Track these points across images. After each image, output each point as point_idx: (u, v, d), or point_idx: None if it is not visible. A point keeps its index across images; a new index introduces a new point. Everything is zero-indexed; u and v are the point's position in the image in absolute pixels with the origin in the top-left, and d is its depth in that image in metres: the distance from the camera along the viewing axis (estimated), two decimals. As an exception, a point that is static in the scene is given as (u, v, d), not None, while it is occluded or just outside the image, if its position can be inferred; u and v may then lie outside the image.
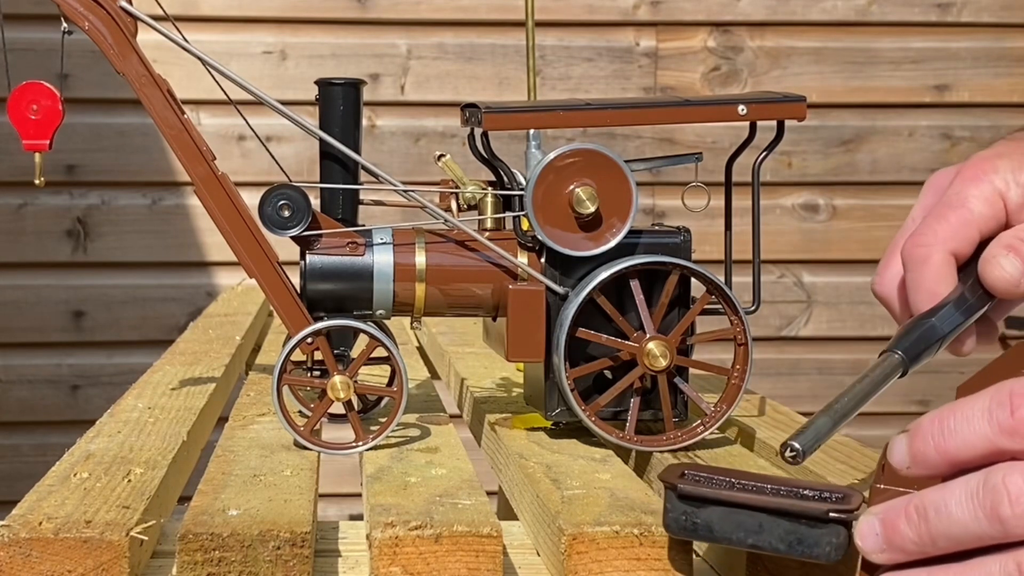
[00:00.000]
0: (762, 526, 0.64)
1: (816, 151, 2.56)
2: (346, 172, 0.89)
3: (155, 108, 0.84)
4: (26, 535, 0.66)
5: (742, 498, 0.65)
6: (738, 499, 0.65)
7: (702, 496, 0.66)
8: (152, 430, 0.90)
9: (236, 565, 0.66)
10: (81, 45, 1.03)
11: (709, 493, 0.66)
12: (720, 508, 0.65)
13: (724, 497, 0.65)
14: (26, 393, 2.43)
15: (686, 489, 0.66)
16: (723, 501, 0.65)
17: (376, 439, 0.86)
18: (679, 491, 0.66)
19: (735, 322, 0.87)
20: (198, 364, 1.18)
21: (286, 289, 0.85)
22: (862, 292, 2.58)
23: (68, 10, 0.83)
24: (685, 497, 0.66)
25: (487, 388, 1.10)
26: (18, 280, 2.42)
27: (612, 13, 2.51)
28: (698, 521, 0.66)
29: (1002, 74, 2.58)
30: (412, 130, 2.48)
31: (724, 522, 0.65)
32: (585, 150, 0.87)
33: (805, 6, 2.54)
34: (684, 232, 0.90)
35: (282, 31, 2.45)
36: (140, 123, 2.40)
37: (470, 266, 0.88)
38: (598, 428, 0.86)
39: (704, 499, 0.66)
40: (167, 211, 2.43)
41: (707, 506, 0.65)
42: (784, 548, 0.64)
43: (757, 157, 0.90)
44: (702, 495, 0.66)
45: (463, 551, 0.68)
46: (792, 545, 0.64)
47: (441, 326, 1.44)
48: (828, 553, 0.64)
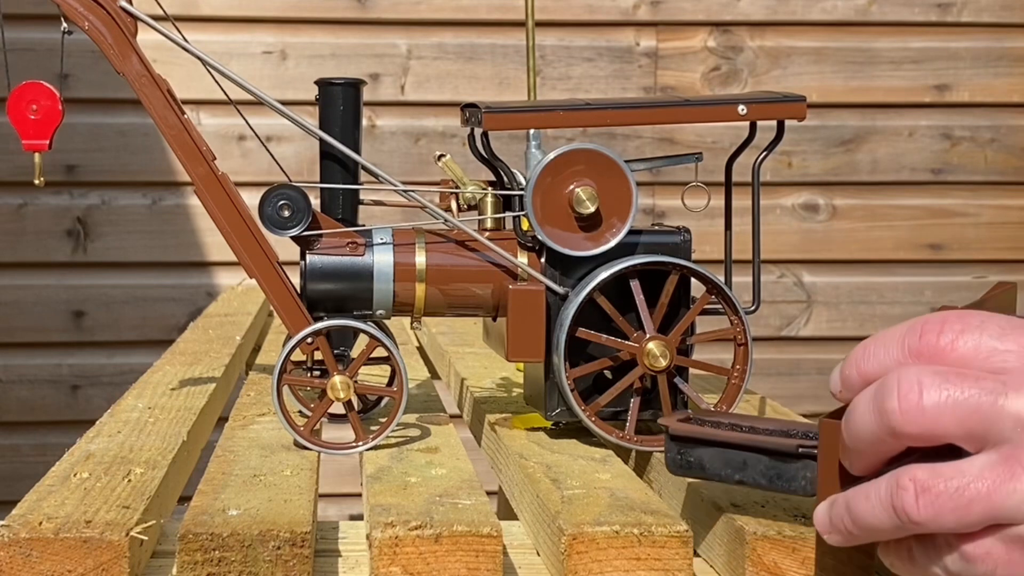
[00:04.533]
0: (746, 463, 0.68)
1: (816, 151, 2.56)
2: (346, 172, 0.89)
3: (155, 108, 0.84)
4: (26, 535, 0.66)
5: (725, 436, 0.69)
6: (721, 437, 0.69)
7: (692, 436, 0.70)
8: (152, 430, 0.90)
9: (236, 565, 0.66)
10: (81, 45, 1.03)
11: (697, 432, 0.70)
12: (711, 447, 0.69)
13: (709, 436, 0.69)
14: (26, 393, 2.43)
15: (678, 430, 0.70)
16: (709, 440, 0.69)
17: (376, 439, 0.86)
18: (671, 432, 0.70)
19: (735, 322, 0.87)
20: (198, 364, 1.18)
21: (286, 289, 0.85)
22: (862, 292, 2.58)
23: (68, 10, 0.83)
24: (678, 438, 0.70)
25: (487, 388, 1.10)
26: (18, 280, 2.42)
27: (612, 13, 2.51)
28: (691, 460, 0.70)
29: (1002, 74, 2.58)
30: (412, 130, 2.48)
31: (714, 460, 0.69)
32: (585, 150, 0.87)
33: (805, 6, 2.54)
34: (684, 232, 0.90)
35: (282, 31, 2.45)
36: (140, 123, 2.40)
37: (470, 266, 0.88)
38: (598, 428, 0.86)
39: (694, 439, 0.70)
40: (167, 211, 2.43)
41: (699, 446, 0.69)
42: (766, 483, 0.68)
43: (757, 157, 0.90)
44: (691, 435, 0.69)
45: (463, 551, 0.68)
46: (772, 480, 0.67)
47: (441, 326, 1.44)
48: (804, 487, 0.66)
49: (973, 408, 0.58)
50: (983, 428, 0.58)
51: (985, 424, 0.57)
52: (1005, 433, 0.57)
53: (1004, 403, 0.57)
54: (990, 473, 0.57)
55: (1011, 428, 0.57)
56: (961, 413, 0.58)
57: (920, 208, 2.58)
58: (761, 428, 0.70)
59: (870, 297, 2.58)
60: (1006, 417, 0.57)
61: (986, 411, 0.57)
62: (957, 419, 0.58)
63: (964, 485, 0.57)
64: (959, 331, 0.60)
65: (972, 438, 0.58)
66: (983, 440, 0.58)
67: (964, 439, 0.58)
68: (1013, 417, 0.57)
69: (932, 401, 0.58)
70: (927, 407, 0.58)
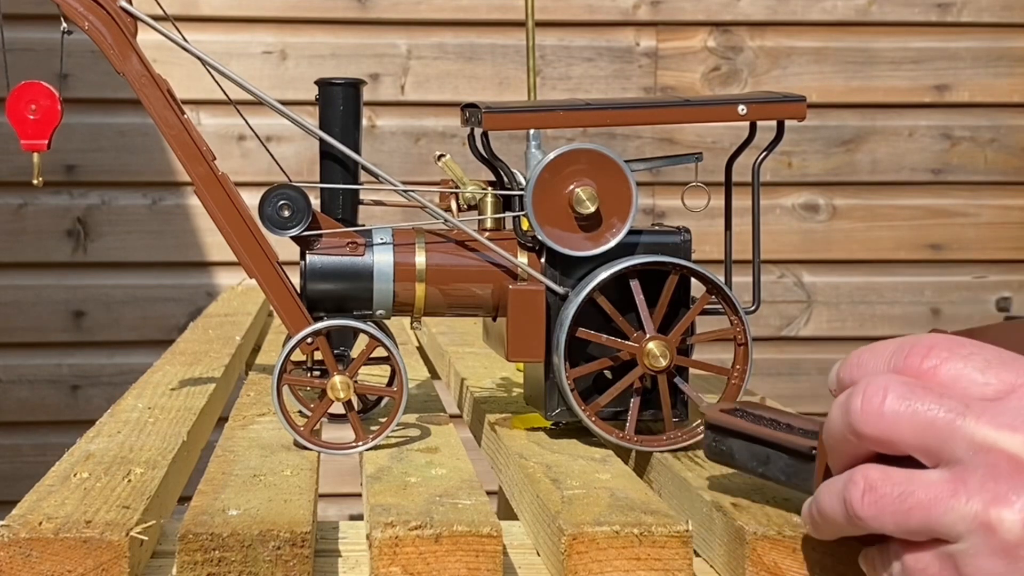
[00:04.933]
0: (769, 458, 0.70)
1: (816, 151, 2.56)
2: (346, 172, 0.89)
3: (155, 108, 0.84)
4: (26, 535, 0.66)
5: (752, 429, 0.71)
6: (749, 430, 0.71)
7: (725, 426, 0.73)
8: (152, 430, 0.90)
9: (236, 565, 0.66)
10: (81, 45, 1.03)
11: (730, 422, 0.72)
12: (741, 439, 0.72)
13: (739, 427, 0.72)
14: (26, 393, 2.43)
15: (713, 418, 0.73)
16: (739, 432, 0.72)
17: (376, 439, 0.86)
18: (707, 420, 0.74)
19: (735, 322, 0.87)
20: (198, 364, 1.18)
21: (286, 289, 0.85)
22: (862, 292, 2.58)
23: (68, 10, 0.83)
24: (713, 427, 0.73)
25: (487, 388, 1.10)
26: (18, 280, 2.42)
27: (612, 13, 2.51)
28: (723, 448, 0.73)
29: (1002, 74, 2.58)
30: (412, 130, 2.48)
31: (743, 451, 0.72)
32: (585, 150, 0.87)
33: (805, 6, 2.54)
34: (684, 232, 0.90)
35: (282, 31, 2.45)
36: (140, 123, 2.40)
37: (470, 266, 0.88)
38: (598, 428, 0.86)
39: (726, 429, 0.73)
40: (167, 211, 2.43)
41: (731, 436, 0.72)
42: (784, 479, 0.70)
43: (757, 157, 0.90)
44: (725, 424, 0.73)
45: (463, 551, 0.68)
46: (790, 477, 0.69)
47: (441, 326, 1.44)
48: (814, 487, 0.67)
49: (930, 422, 0.59)
50: (938, 444, 0.59)
51: (940, 440, 0.59)
52: (958, 453, 0.59)
53: (961, 424, 0.59)
54: (935, 487, 0.59)
55: (964, 449, 0.58)
56: (918, 425, 0.60)
57: (920, 208, 2.58)
58: (794, 426, 0.71)
59: (870, 297, 2.58)
60: (961, 438, 0.59)
61: (942, 428, 0.59)
62: (913, 429, 0.60)
63: (908, 492, 0.59)
64: (945, 358, 0.61)
65: (927, 452, 0.60)
66: (937, 456, 0.60)
67: (919, 451, 0.60)
68: (968, 439, 0.58)
69: (892, 408, 0.60)
70: (886, 412, 0.60)
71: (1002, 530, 0.57)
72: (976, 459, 0.58)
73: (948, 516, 0.58)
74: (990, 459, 0.58)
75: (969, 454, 0.58)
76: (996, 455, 0.58)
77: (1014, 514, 0.57)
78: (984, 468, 0.58)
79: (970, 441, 0.58)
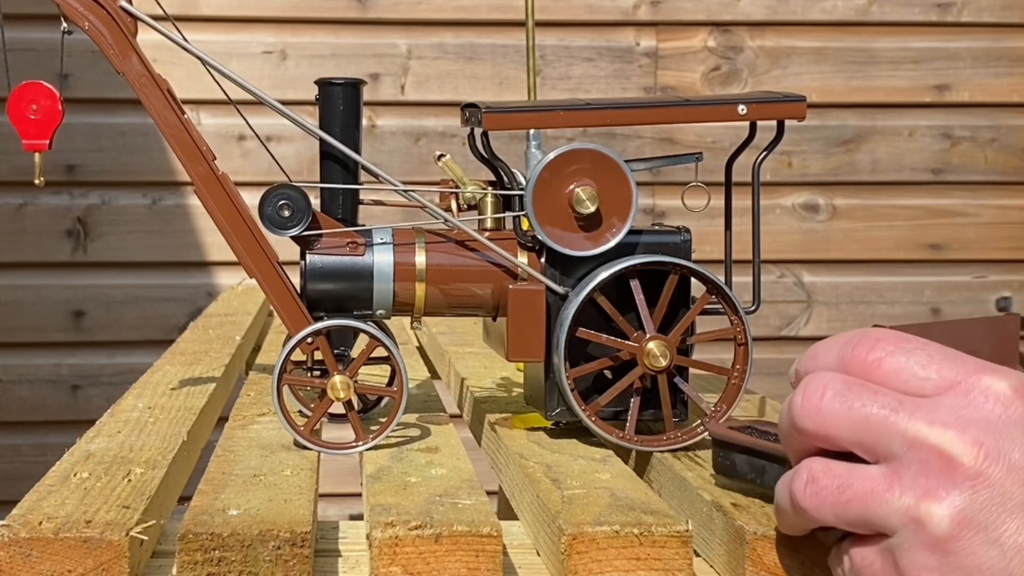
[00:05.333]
0: (765, 469, 0.72)
1: (816, 151, 2.56)
2: (346, 172, 0.89)
3: (155, 108, 0.84)
4: (26, 535, 0.66)
5: (750, 442, 0.73)
6: (747, 443, 0.73)
7: (726, 440, 0.75)
8: (152, 430, 0.90)
9: (236, 565, 0.66)
10: (81, 45, 1.03)
11: (728, 436, 0.74)
12: (742, 453, 0.74)
13: (738, 441, 0.74)
14: (26, 393, 2.43)
15: (716, 434, 0.75)
16: (739, 446, 0.74)
17: (376, 439, 0.86)
18: (713, 436, 0.76)
19: (735, 322, 0.87)
20: (198, 364, 1.18)
21: (286, 289, 0.85)
22: (862, 292, 2.58)
23: (68, 10, 0.83)
24: (718, 442, 0.76)
25: (487, 388, 1.10)
26: (18, 280, 2.42)
27: (612, 13, 2.51)
28: (728, 462, 0.75)
29: (1002, 74, 2.58)
30: (412, 130, 2.48)
31: (744, 464, 0.74)
32: (585, 150, 0.87)
33: (805, 6, 2.54)
34: (684, 232, 0.90)
35: (282, 31, 2.45)
36: (140, 123, 2.40)
37: (470, 266, 0.88)
38: (598, 428, 0.86)
39: (729, 444, 0.75)
40: (167, 211, 2.43)
41: (732, 450, 0.74)
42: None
43: (757, 157, 0.90)
44: (725, 438, 0.75)
45: (463, 551, 0.68)
46: None
47: (441, 326, 1.44)
48: None
49: (864, 418, 0.61)
50: (873, 439, 0.61)
51: (875, 436, 0.60)
52: (893, 448, 0.60)
53: (895, 420, 0.60)
54: (872, 481, 0.60)
55: (899, 444, 0.60)
56: (853, 421, 0.61)
57: (920, 208, 2.58)
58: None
59: (870, 297, 2.58)
60: (895, 433, 0.60)
61: (876, 424, 0.60)
62: (848, 426, 0.61)
63: (847, 484, 0.61)
64: (889, 351, 0.63)
65: (863, 447, 0.61)
66: (873, 451, 0.61)
67: (856, 447, 0.61)
68: (902, 434, 0.60)
69: (829, 405, 0.62)
70: (824, 409, 0.62)
71: (931, 524, 0.58)
72: (910, 454, 0.59)
73: (883, 509, 0.60)
74: (922, 455, 0.59)
75: (903, 449, 0.60)
76: (928, 451, 0.59)
77: (943, 509, 0.58)
78: (917, 464, 0.59)
79: (903, 437, 0.60)
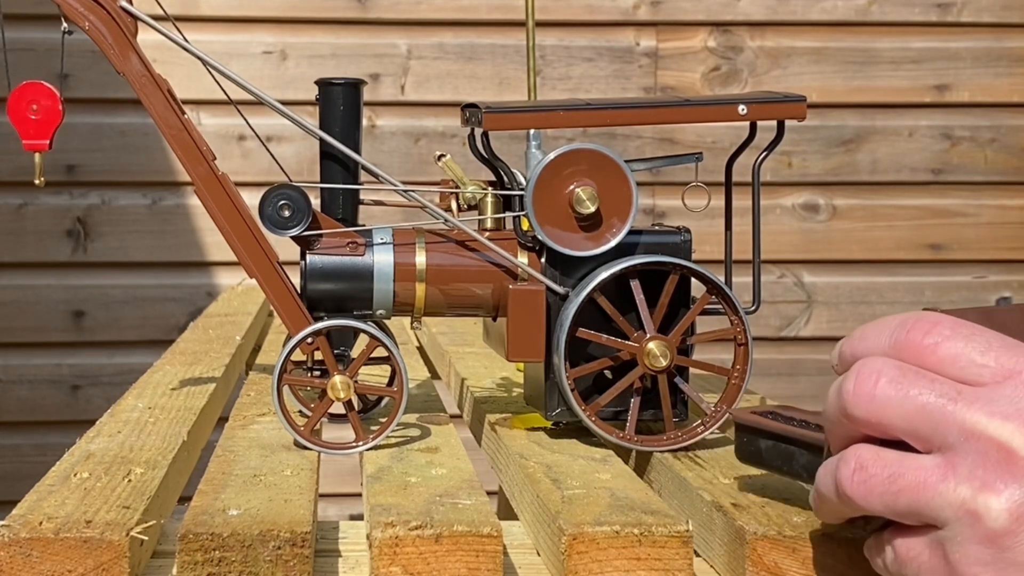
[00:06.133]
0: (793, 456, 0.71)
1: (816, 151, 2.56)
2: (346, 172, 0.89)
3: (155, 108, 0.84)
4: (26, 535, 0.66)
5: (778, 428, 0.72)
6: (775, 429, 0.72)
7: (751, 426, 0.73)
8: (152, 430, 0.90)
9: (236, 565, 0.66)
10: (81, 45, 1.03)
11: (757, 422, 0.73)
12: (768, 439, 0.72)
13: (765, 427, 0.72)
14: (26, 393, 2.43)
15: (741, 419, 0.74)
16: (766, 432, 0.72)
17: (376, 439, 0.86)
18: (736, 421, 0.74)
19: (735, 322, 0.87)
20: (198, 364, 1.18)
21: (286, 289, 0.85)
22: (862, 292, 2.58)
23: (68, 10, 0.83)
24: (742, 427, 0.74)
25: (487, 388, 1.10)
26: (18, 280, 2.42)
27: (612, 13, 2.51)
28: (752, 449, 0.73)
29: (1002, 74, 2.58)
30: (412, 130, 2.48)
31: (770, 451, 0.72)
32: (585, 150, 0.87)
33: (805, 6, 2.54)
34: (684, 232, 0.90)
35: (282, 31, 2.45)
36: (140, 123, 2.40)
37: (470, 266, 0.88)
38: (598, 428, 0.86)
39: (753, 429, 0.73)
40: (167, 211, 2.43)
41: (759, 437, 0.73)
42: (807, 476, 0.70)
43: (757, 157, 0.90)
44: (753, 424, 0.73)
45: (463, 551, 0.68)
46: (812, 473, 0.68)
47: (441, 326, 1.44)
48: None
49: (920, 407, 0.59)
50: (929, 429, 0.59)
51: (931, 425, 0.59)
52: (949, 439, 0.58)
53: (953, 409, 0.58)
54: (925, 471, 0.59)
55: (956, 435, 0.58)
56: (908, 409, 0.59)
57: (920, 208, 2.58)
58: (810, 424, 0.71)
59: (870, 297, 2.58)
60: (952, 423, 0.58)
61: (932, 413, 0.59)
62: (904, 414, 0.59)
63: (898, 474, 0.59)
64: (947, 336, 0.61)
65: (918, 437, 0.59)
66: (928, 441, 0.59)
67: (910, 436, 0.60)
68: (959, 425, 0.58)
69: (884, 392, 0.60)
70: (877, 396, 0.60)
71: (989, 518, 0.57)
72: (967, 445, 0.58)
73: (936, 501, 0.58)
74: (980, 446, 0.58)
75: (960, 440, 0.58)
76: (986, 442, 0.57)
77: (1001, 503, 0.57)
78: (974, 455, 0.58)
79: (961, 427, 0.58)
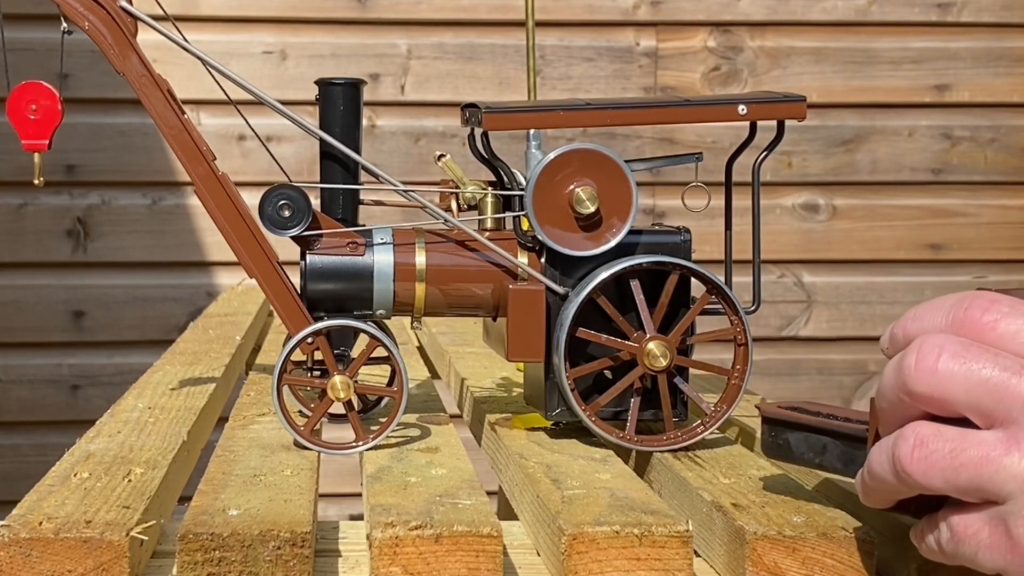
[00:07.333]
0: (826, 447, 0.71)
1: (816, 151, 2.56)
2: (346, 172, 0.89)
3: (155, 108, 0.84)
4: (26, 535, 0.66)
5: (808, 420, 0.72)
6: (805, 422, 0.72)
7: (782, 419, 0.74)
8: (152, 430, 0.90)
9: (236, 565, 0.66)
10: (81, 45, 1.03)
11: (787, 415, 0.73)
12: (798, 432, 0.73)
13: (796, 419, 0.73)
14: (26, 393, 2.43)
15: (770, 413, 0.74)
16: (796, 424, 0.73)
17: (376, 439, 0.86)
18: (764, 415, 0.74)
19: (735, 322, 0.87)
20: (198, 364, 1.18)
21: (286, 289, 0.85)
22: (862, 292, 2.58)
23: (68, 10, 0.83)
24: (770, 421, 0.74)
25: (487, 388, 1.10)
26: (18, 280, 2.42)
27: (612, 13, 2.51)
28: (781, 442, 0.74)
29: (1002, 74, 2.58)
30: (412, 130, 2.48)
31: (800, 444, 0.73)
32: (585, 150, 0.87)
33: (805, 6, 2.54)
34: (684, 232, 0.90)
35: (282, 31, 2.45)
36: (140, 123, 2.40)
37: (470, 266, 0.88)
38: (598, 428, 0.86)
39: (783, 423, 0.73)
40: (167, 211, 2.43)
41: (788, 429, 0.73)
42: (841, 467, 0.70)
43: (757, 157, 0.90)
44: (782, 418, 0.74)
45: (463, 551, 0.68)
46: (847, 464, 0.70)
47: (441, 326, 1.44)
48: None
49: (983, 380, 0.58)
50: (991, 403, 0.58)
51: (994, 399, 0.58)
52: (1013, 413, 0.58)
53: (1017, 383, 0.58)
54: (987, 445, 0.58)
55: (1020, 409, 0.58)
56: (971, 383, 0.59)
57: (920, 208, 2.58)
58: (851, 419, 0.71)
59: (870, 297, 2.58)
60: (1016, 397, 0.58)
61: (996, 387, 0.58)
62: (966, 388, 0.59)
63: (960, 449, 0.59)
64: (1006, 313, 0.60)
65: (980, 411, 0.59)
66: (991, 416, 0.59)
67: (972, 411, 0.59)
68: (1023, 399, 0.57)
69: (946, 366, 0.59)
70: (940, 370, 0.59)
71: None
72: None
73: (1000, 475, 0.57)
74: None
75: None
76: None
77: None
78: None
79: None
